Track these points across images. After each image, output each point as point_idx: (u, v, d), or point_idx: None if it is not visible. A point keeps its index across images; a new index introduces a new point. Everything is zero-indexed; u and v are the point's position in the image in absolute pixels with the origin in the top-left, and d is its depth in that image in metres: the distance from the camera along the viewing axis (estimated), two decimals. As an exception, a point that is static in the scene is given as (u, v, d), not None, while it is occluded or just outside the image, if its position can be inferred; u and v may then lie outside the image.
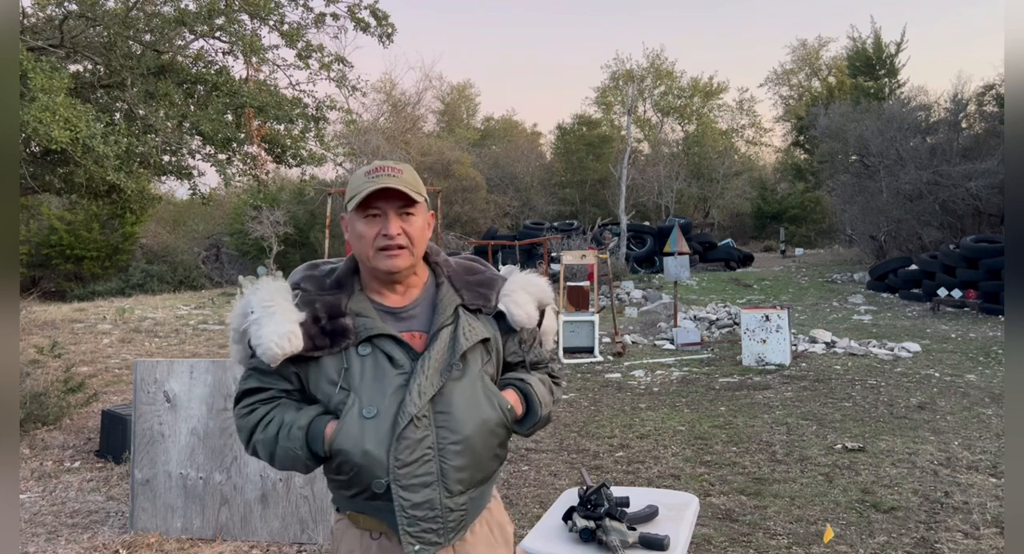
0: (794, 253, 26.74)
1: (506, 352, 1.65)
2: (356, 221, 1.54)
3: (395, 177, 1.51)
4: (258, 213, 20.69)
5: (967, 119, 18.58)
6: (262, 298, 1.51)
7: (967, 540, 3.58)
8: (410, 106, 32.42)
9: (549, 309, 1.72)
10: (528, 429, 1.63)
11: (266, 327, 1.47)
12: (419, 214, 1.56)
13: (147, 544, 3.69)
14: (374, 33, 9.62)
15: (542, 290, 1.69)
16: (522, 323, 1.62)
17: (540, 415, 1.62)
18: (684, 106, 37.03)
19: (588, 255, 9.93)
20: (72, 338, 10.39)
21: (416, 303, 1.60)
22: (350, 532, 1.57)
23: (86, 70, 8.88)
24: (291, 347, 1.47)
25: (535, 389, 1.62)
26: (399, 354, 1.51)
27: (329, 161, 10.46)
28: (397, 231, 1.51)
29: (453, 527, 1.49)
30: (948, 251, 13.48)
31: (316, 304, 1.53)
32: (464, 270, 1.67)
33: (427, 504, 1.46)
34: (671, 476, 4.64)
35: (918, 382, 7.16)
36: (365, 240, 1.53)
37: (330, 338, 1.50)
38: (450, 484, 1.47)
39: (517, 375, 1.65)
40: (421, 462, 1.45)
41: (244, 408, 1.56)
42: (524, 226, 23.20)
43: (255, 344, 1.49)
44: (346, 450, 1.44)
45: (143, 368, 3.90)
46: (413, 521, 1.45)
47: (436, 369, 1.49)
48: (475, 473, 1.52)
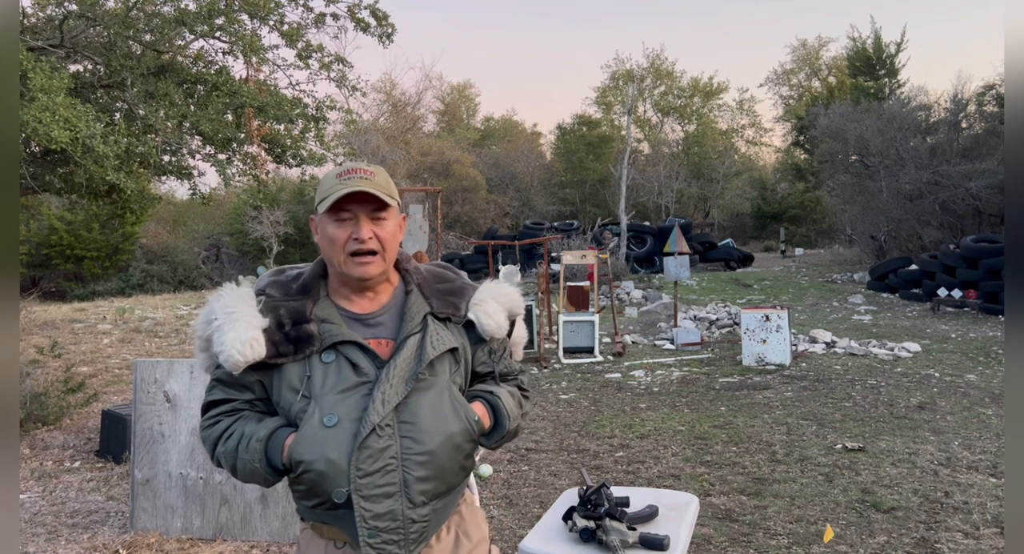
0: (794, 253, 26.75)
1: (475, 362, 1.62)
2: (327, 224, 1.51)
3: (368, 180, 1.49)
4: (258, 213, 20.69)
5: (967, 119, 18.59)
6: (225, 304, 1.49)
7: (967, 540, 3.58)
8: (410, 106, 32.45)
9: (519, 319, 1.69)
10: (495, 442, 1.60)
11: (228, 334, 1.45)
12: (391, 218, 1.54)
13: (147, 544, 3.69)
14: (374, 33, 9.62)
15: (513, 300, 1.66)
16: (491, 333, 1.60)
17: (508, 429, 1.58)
18: (684, 106, 37.04)
19: (588, 255, 9.93)
20: (72, 338, 10.38)
21: (384, 310, 1.57)
22: (315, 542, 1.54)
23: (86, 70, 8.87)
24: (253, 354, 1.44)
25: (504, 402, 1.58)
26: (364, 361, 1.48)
27: (329, 161, 10.43)
28: (368, 235, 1.49)
29: (415, 538, 1.47)
30: (948, 251, 13.48)
31: (280, 310, 1.51)
32: (434, 278, 1.65)
33: (389, 515, 1.42)
34: (671, 476, 4.64)
35: (918, 382, 7.16)
36: (336, 244, 1.50)
37: (294, 345, 1.48)
38: (413, 495, 1.44)
39: (486, 387, 1.62)
40: (384, 472, 1.42)
41: (208, 420, 1.55)
42: (524, 226, 23.21)
43: (217, 351, 1.46)
44: (306, 460, 1.41)
45: (143, 368, 3.90)
46: (374, 532, 1.42)
47: (401, 377, 1.46)
48: (439, 485, 1.48)
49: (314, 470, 1.42)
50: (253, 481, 1.49)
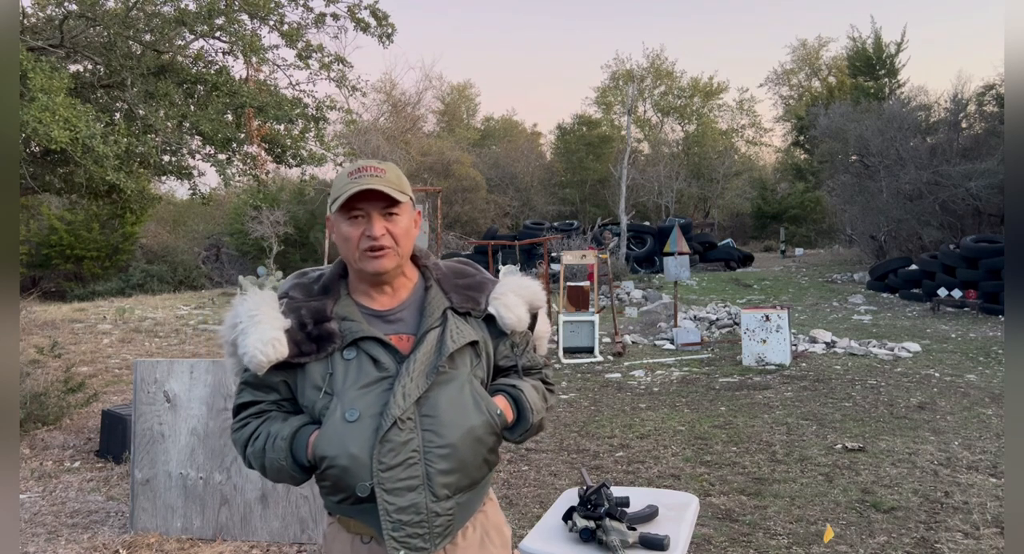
0: (794, 253, 26.75)
1: (498, 356, 1.63)
2: (340, 223, 1.53)
3: (378, 177, 1.50)
4: (258, 213, 20.69)
5: (967, 119, 18.59)
6: (248, 308, 1.51)
7: (967, 540, 3.58)
8: (410, 106, 32.45)
9: (542, 312, 1.70)
10: (519, 436, 1.60)
11: (251, 335, 1.47)
12: (404, 214, 1.54)
13: (147, 544, 3.69)
14: (374, 33, 9.63)
15: (534, 293, 1.66)
16: (512, 326, 1.61)
17: (532, 422, 1.58)
18: (684, 106, 37.05)
19: (588, 255, 9.93)
20: (72, 338, 10.38)
21: (404, 305, 1.59)
22: (341, 536, 1.56)
23: (86, 70, 8.88)
24: (276, 354, 1.46)
25: (527, 395, 1.59)
26: (384, 357, 1.49)
27: (329, 161, 10.44)
28: (381, 232, 1.50)
29: (440, 532, 1.47)
30: (948, 251, 13.48)
31: (302, 310, 1.53)
32: (454, 273, 1.66)
33: (412, 508, 1.43)
34: (671, 476, 4.64)
35: (918, 382, 7.16)
36: (350, 242, 1.51)
37: (316, 343, 1.49)
38: (436, 488, 1.45)
39: (508, 381, 1.63)
40: (406, 466, 1.43)
41: (238, 423, 1.57)
42: (524, 226, 23.21)
43: (241, 353, 1.48)
44: (328, 455, 1.43)
45: (143, 368, 3.90)
46: (398, 525, 1.43)
47: (422, 371, 1.47)
48: (462, 478, 1.49)
49: (337, 465, 1.43)
50: (281, 480, 1.52)
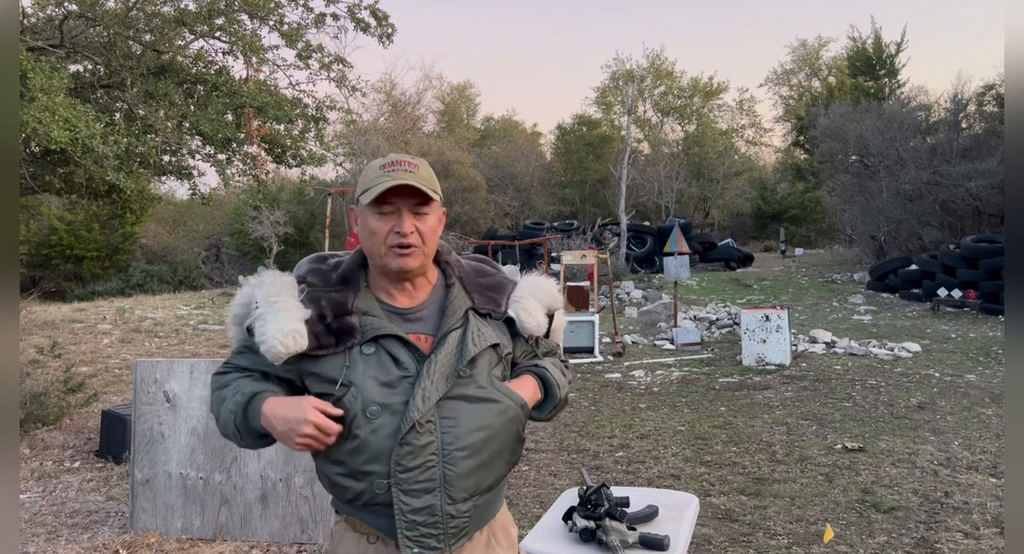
0: (794, 253, 26.76)
1: (516, 353, 1.65)
2: (368, 216, 1.49)
3: (412, 173, 1.47)
4: (258, 213, 20.69)
5: (967, 119, 18.59)
6: (267, 293, 1.48)
7: (967, 540, 3.58)
8: (410, 106, 32.46)
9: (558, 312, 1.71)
10: (548, 413, 1.64)
11: (271, 324, 1.43)
12: (433, 212, 1.52)
13: (147, 544, 3.69)
14: (374, 33, 9.63)
15: (552, 296, 1.67)
16: (531, 331, 1.61)
17: (559, 397, 1.63)
18: (684, 106, 37.08)
19: (588, 255, 9.93)
20: (72, 338, 10.38)
21: (424, 305, 1.56)
22: (348, 535, 1.55)
23: (86, 70, 8.88)
24: (296, 346, 1.43)
25: (551, 372, 1.62)
26: (405, 356, 1.47)
27: (329, 161, 10.46)
28: (410, 230, 1.47)
29: (455, 533, 1.46)
30: (948, 251, 13.48)
31: (322, 301, 1.49)
32: (475, 272, 1.64)
33: (427, 510, 1.43)
34: (671, 476, 4.64)
35: (918, 382, 7.16)
36: (377, 237, 1.48)
37: (336, 337, 1.47)
38: (453, 491, 1.44)
39: (531, 361, 1.66)
40: (424, 468, 1.42)
41: (223, 368, 1.57)
42: (524, 226, 23.20)
43: (259, 341, 1.45)
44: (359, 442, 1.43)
45: (143, 368, 3.90)
46: (412, 525, 1.43)
47: (442, 374, 1.46)
48: (481, 480, 1.48)
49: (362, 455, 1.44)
50: (227, 434, 1.50)
